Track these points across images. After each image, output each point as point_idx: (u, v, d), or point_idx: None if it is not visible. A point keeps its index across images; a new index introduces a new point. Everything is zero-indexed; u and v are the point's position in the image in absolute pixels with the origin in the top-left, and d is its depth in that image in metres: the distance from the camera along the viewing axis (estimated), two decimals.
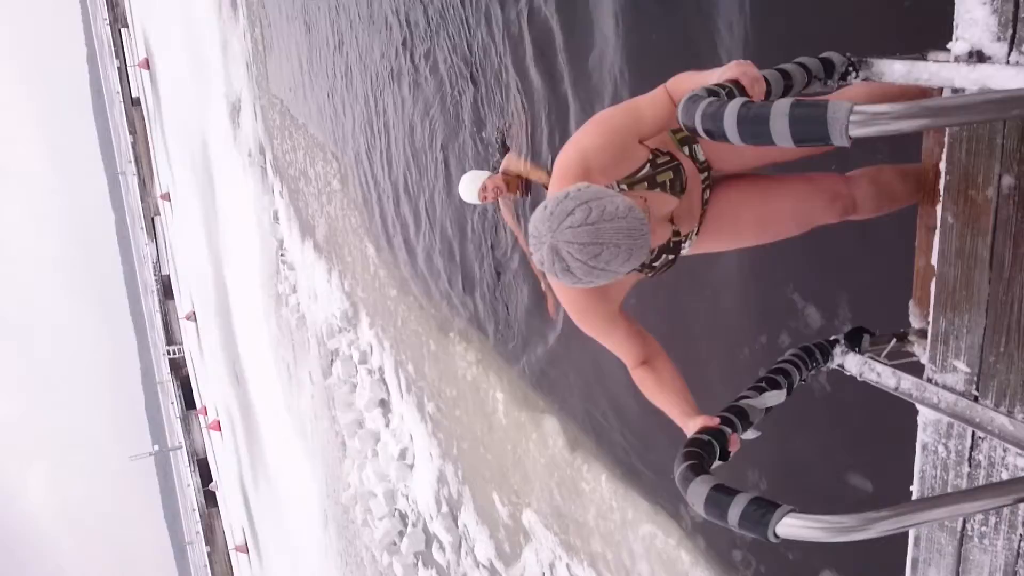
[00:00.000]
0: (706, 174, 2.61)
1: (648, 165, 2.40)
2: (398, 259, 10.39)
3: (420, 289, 9.77)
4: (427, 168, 8.98)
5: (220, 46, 20.70)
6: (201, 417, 41.80)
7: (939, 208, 2.17)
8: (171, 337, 46.43)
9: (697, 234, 2.65)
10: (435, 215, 8.92)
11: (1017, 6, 1.91)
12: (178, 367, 45.97)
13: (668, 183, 2.42)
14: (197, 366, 41.70)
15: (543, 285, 6.46)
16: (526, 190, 6.60)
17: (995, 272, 2.05)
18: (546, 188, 6.30)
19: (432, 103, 8.60)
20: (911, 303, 2.54)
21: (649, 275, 2.59)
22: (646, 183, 2.39)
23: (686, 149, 2.54)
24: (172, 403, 47.43)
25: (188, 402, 44.79)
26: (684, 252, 2.64)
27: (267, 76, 16.89)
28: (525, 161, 6.52)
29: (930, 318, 2.25)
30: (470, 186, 6.53)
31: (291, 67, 14.72)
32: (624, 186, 2.37)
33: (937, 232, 2.19)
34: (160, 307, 46.72)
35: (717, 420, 2.14)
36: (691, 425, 2.21)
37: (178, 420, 45.62)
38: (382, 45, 9.89)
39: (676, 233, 2.56)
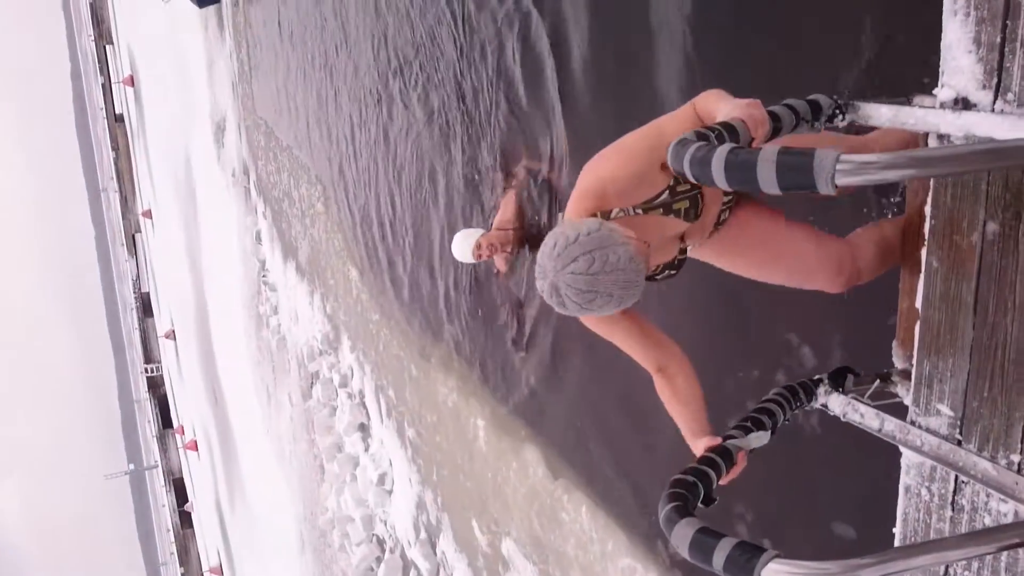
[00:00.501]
0: (730, 196, 2.63)
1: (667, 192, 2.41)
2: (381, 283, 10.35)
3: (402, 314, 9.73)
4: (412, 195, 8.97)
5: (206, 65, 20.69)
6: (178, 436, 41.38)
7: (924, 252, 2.19)
8: (149, 355, 46.00)
9: (709, 237, 2.69)
10: (419, 241, 8.91)
11: (1002, 55, 1.93)
12: (156, 386, 45.50)
13: (683, 211, 2.45)
14: (175, 385, 41.36)
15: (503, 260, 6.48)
16: (520, 245, 6.51)
17: (979, 317, 2.06)
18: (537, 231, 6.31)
19: (419, 130, 8.61)
20: (894, 344, 2.55)
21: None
22: (661, 209, 2.42)
23: None
24: (149, 422, 46.89)
25: (165, 421, 44.32)
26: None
27: (252, 97, 16.88)
28: (515, 207, 6.45)
29: (914, 360, 2.26)
30: (463, 245, 6.42)
31: (277, 89, 14.72)
32: (640, 211, 2.39)
33: (922, 276, 2.20)
34: (139, 325, 46.31)
35: (719, 440, 2.21)
36: (695, 444, 2.32)
37: (155, 439, 45.10)
38: (369, 71, 9.90)
39: (683, 251, 2.62)
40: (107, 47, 43.64)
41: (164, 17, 24.68)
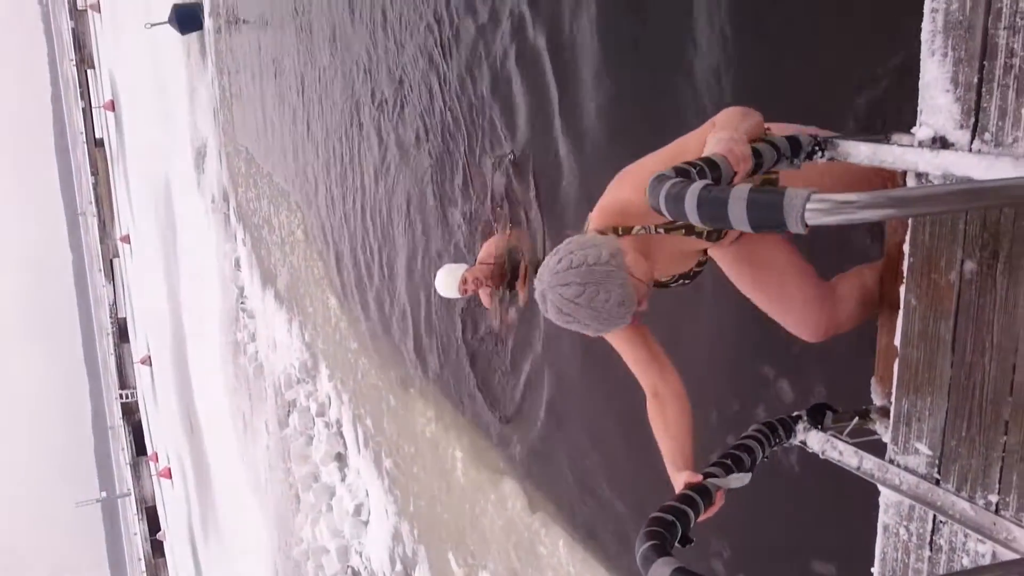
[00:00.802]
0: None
1: None
2: (360, 312, 10.30)
3: (381, 343, 9.68)
4: (392, 223, 8.96)
5: (187, 92, 20.69)
6: (152, 464, 40.95)
7: (903, 289, 2.18)
8: (124, 381, 45.59)
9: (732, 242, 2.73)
10: (398, 269, 8.88)
11: (979, 96, 1.94)
12: (130, 412, 45.05)
13: (706, 233, 2.46)
14: (150, 411, 40.98)
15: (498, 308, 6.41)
16: (504, 279, 6.43)
17: (957, 356, 2.05)
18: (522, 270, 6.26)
19: (400, 158, 8.61)
20: (873, 380, 2.55)
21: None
22: (683, 229, 2.42)
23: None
24: (123, 448, 46.40)
25: (139, 448, 43.87)
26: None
27: (233, 123, 16.88)
28: (504, 235, 6.39)
29: (892, 398, 2.25)
30: (448, 280, 6.27)
31: (258, 116, 14.72)
32: (661, 229, 2.40)
33: (900, 313, 2.20)
34: (115, 350, 45.93)
35: (700, 478, 2.19)
36: (676, 478, 2.31)
37: (128, 466, 44.58)
38: (351, 99, 9.92)
39: (700, 263, 2.63)
40: (88, 72, 43.61)
41: (146, 43, 24.67)
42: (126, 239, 40.46)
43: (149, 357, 37.19)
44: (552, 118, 5.81)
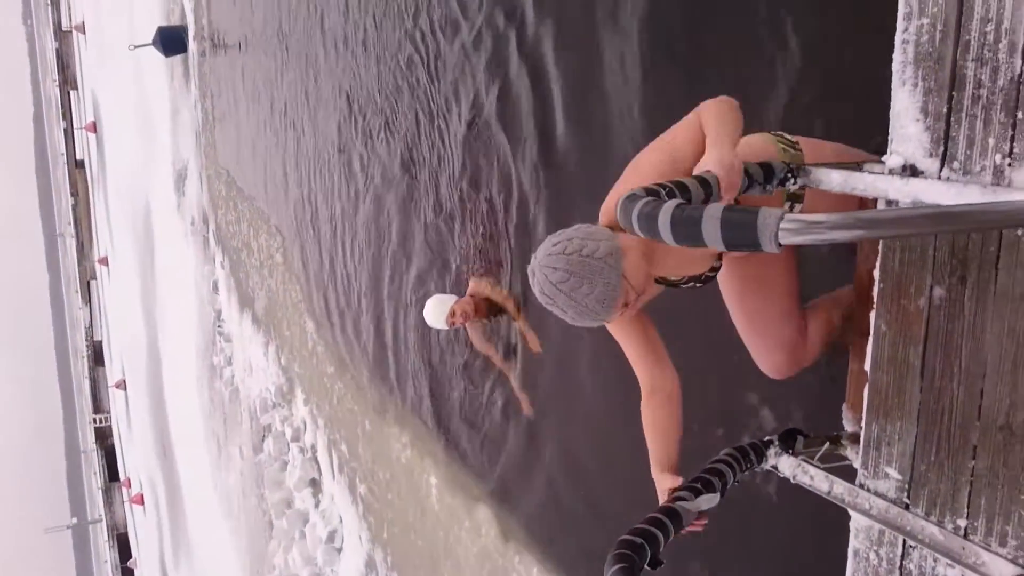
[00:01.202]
0: (791, 203, 2.56)
1: None
2: (338, 336, 10.26)
3: (359, 368, 9.63)
4: (372, 248, 8.95)
5: (170, 114, 20.66)
6: (124, 490, 40.36)
7: (873, 315, 2.20)
8: (98, 405, 45.03)
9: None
10: (378, 295, 8.86)
11: (948, 125, 1.98)
12: (104, 436, 44.46)
13: None
14: (123, 436, 40.45)
15: (516, 388, 6.27)
16: (495, 313, 6.41)
17: (926, 381, 2.07)
18: (507, 312, 6.24)
19: (381, 184, 8.62)
20: (844, 407, 2.56)
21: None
22: None
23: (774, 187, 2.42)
24: (95, 474, 45.73)
25: (112, 474, 43.27)
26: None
27: (215, 146, 16.86)
28: (490, 284, 6.37)
29: (863, 423, 2.27)
30: (437, 311, 6.22)
31: (240, 138, 14.71)
32: None
33: (870, 339, 2.21)
34: (89, 373, 45.37)
35: (679, 481, 2.26)
36: (659, 479, 2.40)
37: (100, 492, 43.94)
38: (333, 123, 9.94)
39: (713, 269, 2.61)
40: (71, 92, 43.47)
41: (130, 65, 24.67)
42: (104, 261, 40.14)
43: (124, 381, 36.78)
44: (534, 149, 5.85)
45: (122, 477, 41.42)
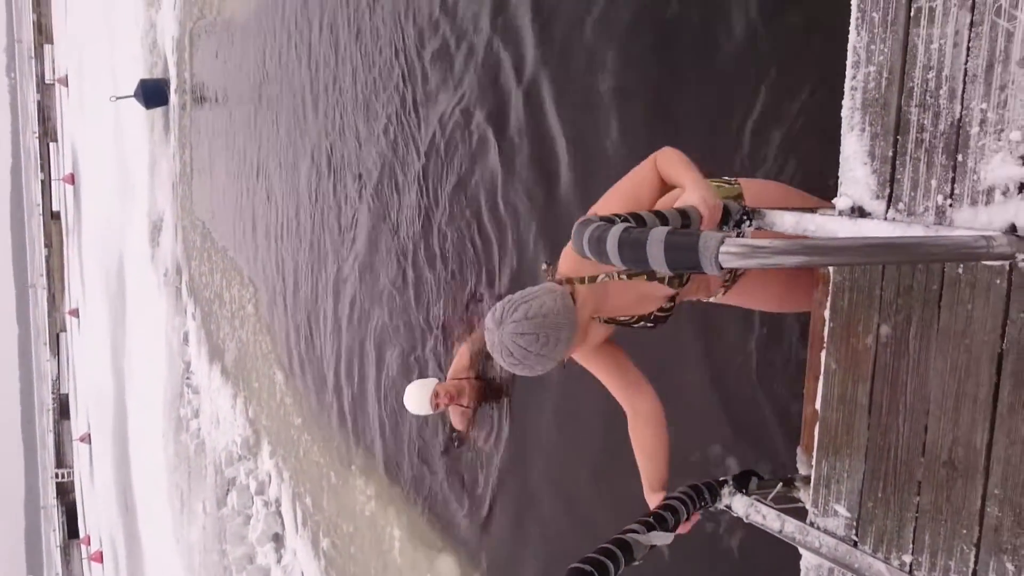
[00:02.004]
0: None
1: None
2: (306, 387, 10.19)
3: (325, 419, 9.55)
4: (343, 302, 8.95)
5: (148, 165, 20.72)
6: (83, 547, 39.36)
7: (823, 354, 2.24)
8: (62, 459, 44.17)
9: (725, 293, 2.82)
10: (348, 348, 8.84)
11: (894, 168, 2.05)
12: (65, 492, 43.50)
13: (667, 279, 2.52)
14: (86, 491, 39.58)
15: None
16: (477, 396, 6.15)
17: (874, 418, 2.11)
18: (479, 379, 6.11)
19: (360, 239, 8.65)
20: (799, 450, 2.58)
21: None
22: (645, 275, 2.49)
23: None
24: (54, 530, 44.60)
25: (72, 530, 42.26)
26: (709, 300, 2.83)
27: (192, 197, 16.89)
28: (471, 356, 6.15)
29: (813, 462, 2.29)
30: (419, 396, 5.87)
31: (217, 190, 14.75)
32: (624, 276, 2.46)
33: (821, 378, 2.25)
34: (54, 427, 44.60)
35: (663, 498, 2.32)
36: (651, 498, 2.50)
37: (58, 549, 42.82)
38: (312, 177, 10.01)
39: (664, 309, 2.66)
40: (51, 144, 43.50)
41: (111, 116, 24.77)
42: (74, 312, 39.75)
43: (89, 435, 36.14)
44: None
45: (82, 534, 40.45)
